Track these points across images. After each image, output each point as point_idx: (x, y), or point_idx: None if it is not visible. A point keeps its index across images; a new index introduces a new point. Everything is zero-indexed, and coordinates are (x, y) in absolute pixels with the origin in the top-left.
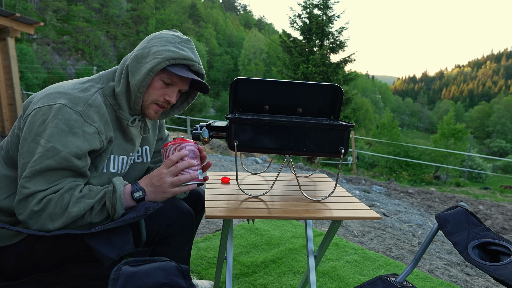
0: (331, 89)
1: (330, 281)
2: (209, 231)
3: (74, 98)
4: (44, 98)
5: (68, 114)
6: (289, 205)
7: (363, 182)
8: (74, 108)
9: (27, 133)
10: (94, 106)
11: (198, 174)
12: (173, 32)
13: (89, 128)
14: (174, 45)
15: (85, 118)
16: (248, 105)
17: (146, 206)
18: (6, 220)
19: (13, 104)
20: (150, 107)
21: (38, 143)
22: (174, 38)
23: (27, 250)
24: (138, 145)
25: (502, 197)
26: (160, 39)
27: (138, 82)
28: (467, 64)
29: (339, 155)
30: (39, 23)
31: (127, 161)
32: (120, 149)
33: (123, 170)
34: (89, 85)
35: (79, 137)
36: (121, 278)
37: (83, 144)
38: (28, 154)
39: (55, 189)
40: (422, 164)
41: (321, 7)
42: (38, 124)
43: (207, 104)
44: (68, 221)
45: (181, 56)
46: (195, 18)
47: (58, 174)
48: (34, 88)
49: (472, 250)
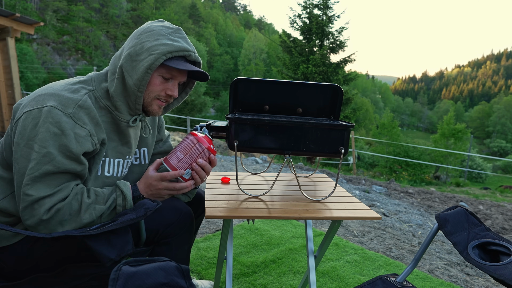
0: (331, 89)
1: (330, 281)
2: (209, 231)
3: (64, 100)
4: (34, 100)
5: (58, 116)
6: (289, 205)
7: (363, 182)
8: (64, 110)
9: (19, 137)
10: (85, 108)
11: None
12: (161, 23)
13: (80, 130)
14: (166, 37)
15: (75, 120)
16: (248, 105)
17: (146, 206)
18: (4, 220)
19: (13, 104)
20: (152, 103)
21: (32, 148)
22: (164, 29)
23: (26, 251)
24: (136, 147)
25: (502, 197)
26: (151, 33)
27: (137, 82)
28: (467, 64)
29: (339, 155)
30: (39, 23)
31: (124, 164)
32: (116, 152)
33: (119, 174)
34: (79, 86)
35: (71, 140)
36: (121, 278)
37: (76, 147)
38: (23, 160)
39: (61, 196)
40: (422, 164)
41: (321, 7)
42: (29, 129)
43: (207, 104)
44: (78, 227)
45: (176, 48)
46: (195, 18)
47: (58, 178)
48: (34, 88)
49: (472, 250)
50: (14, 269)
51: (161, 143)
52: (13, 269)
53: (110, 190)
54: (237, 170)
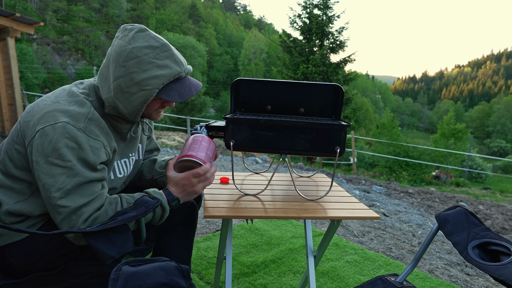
0: (332, 88)
1: (330, 281)
2: (209, 231)
3: (74, 115)
4: (44, 117)
5: (73, 131)
6: (288, 205)
7: (363, 182)
8: (75, 126)
9: (37, 155)
10: (94, 120)
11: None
12: (143, 42)
13: (94, 143)
14: (153, 64)
15: (88, 134)
16: (250, 105)
17: (146, 204)
18: (15, 220)
19: (13, 104)
20: (152, 114)
21: (53, 164)
22: (149, 53)
23: (35, 247)
24: (138, 144)
25: (502, 197)
26: (136, 61)
27: (133, 112)
28: (467, 64)
29: (335, 155)
30: (39, 23)
31: (129, 162)
32: (122, 154)
33: (128, 172)
34: (83, 97)
35: (88, 153)
36: (121, 278)
37: (93, 159)
38: (46, 177)
39: (96, 204)
40: (422, 164)
41: (321, 7)
42: (46, 145)
43: (207, 104)
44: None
45: (167, 78)
46: (195, 18)
47: (89, 187)
48: (34, 88)
49: (472, 250)
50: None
51: (148, 141)
52: (22, 265)
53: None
54: (236, 169)
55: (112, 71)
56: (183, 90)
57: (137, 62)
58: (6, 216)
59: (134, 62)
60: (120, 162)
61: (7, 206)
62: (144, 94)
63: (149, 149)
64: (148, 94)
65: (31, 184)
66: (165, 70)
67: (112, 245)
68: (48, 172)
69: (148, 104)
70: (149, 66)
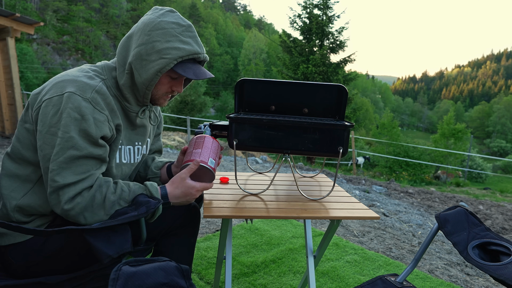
0: (336, 89)
1: (330, 281)
2: (209, 231)
3: (82, 85)
4: (52, 88)
5: (78, 101)
6: (288, 205)
7: (363, 182)
8: (82, 95)
9: (41, 125)
10: (101, 94)
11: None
12: (172, 18)
13: (99, 115)
14: (177, 38)
15: (94, 105)
16: (254, 105)
17: (148, 204)
18: (23, 220)
19: (13, 104)
20: (160, 98)
21: (55, 134)
22: (176, 28)
23: (38, 248)
24: (148, 136)
25: (502, 197)
26: (162, 32)
27: (146, 82)
28: (467, 64)
29: (338, 155)
30: (39, 23)
31: (135, 150)
32: (127, 140)
33: (132, 160)
34: (93, 74)
35: (91, 124)
36: (121, 278)
37: (95, 131)
38: (47, 147)
39: (85, 184)
40: (422, 164)
41: (321, 7)
42: (51, 115)
43: (207, 104)
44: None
45: (187, 52)
46: (195, 18)
47: (83, 164)
48: (34, 88)
49: (472, 250)
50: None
51: (155, 139)
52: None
53: (137, 187)
54: (239, 169)
55: (135, 40)
56: (198, 71)
57: (163, 33)
58: (15, 213)
59: (159, 32)
60: (125, 147)
61: (15, 201)
62: (162, 62)
63: (152, 149)
64: (165, 63)
65: (37, 168)
66: (187, 45)
67: (111, 244)
68: (48, 141)
69: (158, 84)
70: (173, 39)
